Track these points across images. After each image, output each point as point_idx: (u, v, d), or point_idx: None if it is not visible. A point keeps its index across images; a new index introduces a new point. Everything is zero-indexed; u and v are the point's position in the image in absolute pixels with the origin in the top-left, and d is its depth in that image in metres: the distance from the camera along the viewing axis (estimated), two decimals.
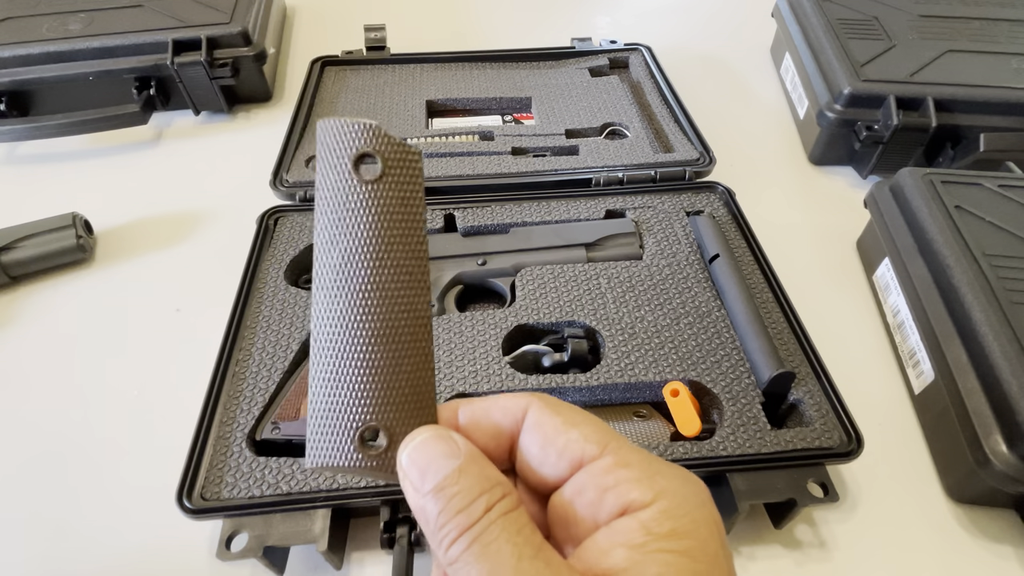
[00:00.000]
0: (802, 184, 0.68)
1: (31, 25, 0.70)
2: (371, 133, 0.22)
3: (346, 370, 0.22)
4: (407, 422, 0.23)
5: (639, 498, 0.21)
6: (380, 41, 0.76)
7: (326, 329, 0.23)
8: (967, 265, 0.45)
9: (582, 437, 0.22)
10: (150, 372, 0.51)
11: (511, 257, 0.54)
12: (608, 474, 0.21)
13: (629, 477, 0.21)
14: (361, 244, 0.22)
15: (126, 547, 0.42)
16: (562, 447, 0.23)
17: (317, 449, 0.22)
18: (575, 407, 0.24)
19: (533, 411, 0.23)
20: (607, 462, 0.22)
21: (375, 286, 0.22)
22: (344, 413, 0.22)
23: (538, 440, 0.23)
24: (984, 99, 0.61)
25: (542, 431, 0.23)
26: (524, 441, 0.24)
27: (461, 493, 0.21)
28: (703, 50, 0.86)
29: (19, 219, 0.57)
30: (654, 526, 0.20)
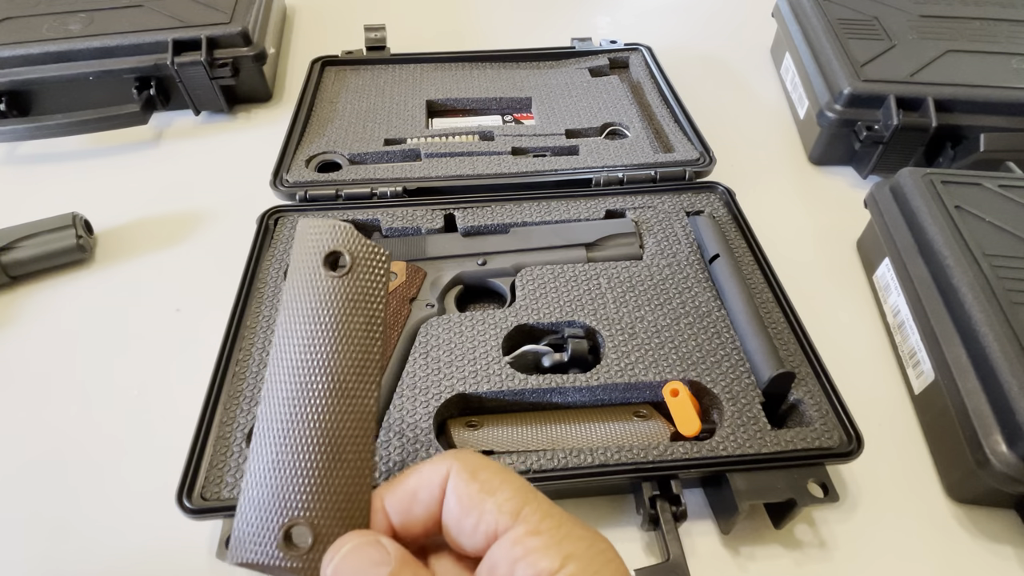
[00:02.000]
0: (802, 184, 0.68)
1: (31, 25, 0.70)
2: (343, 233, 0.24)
3: (284, 461, 0.22)
4: (337, 523, 0.22)
5: (548, 567, 0.21)
6: (380, 41, 0.76)
7: (272, 418, 0.23)
8: (967, 265, 0.45)
9: (496, 507, 0.22)
10: (150, 372, 0.51)
11: (511, 257, 0.54)
12: (517, 545, 0.21)
13: (537, 547, 0.21)
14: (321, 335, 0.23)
15: (126, 547, 0.42)
16: (477, 519, 0.22)
17: (240, 542, 0.22)
18: (497, 466, 0.24)
19: (452, 479, 0.23)
20: (518, 532, 0.22)
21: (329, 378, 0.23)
22: (274, 505, 0.22)
23: (456, 512, 0.23)
24: (984, 99, 0.61)
25: (460, 502, 0.23)
26: (445, 513, 0.23)
27: None
28: (703, 50, 0.86)
29: (19, 219, 0.57)
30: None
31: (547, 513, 0.22)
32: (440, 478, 0.23)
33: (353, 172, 0.61)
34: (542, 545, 0.21)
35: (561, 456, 0.40)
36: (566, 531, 0.22)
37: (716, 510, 0.43)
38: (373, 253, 0.24)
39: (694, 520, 0.43)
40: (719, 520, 0.42)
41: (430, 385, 0.44)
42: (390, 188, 0.58)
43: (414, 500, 0.24)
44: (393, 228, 0.56)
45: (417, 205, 0.57)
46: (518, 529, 0.22)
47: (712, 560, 0.41)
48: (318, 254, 0.23)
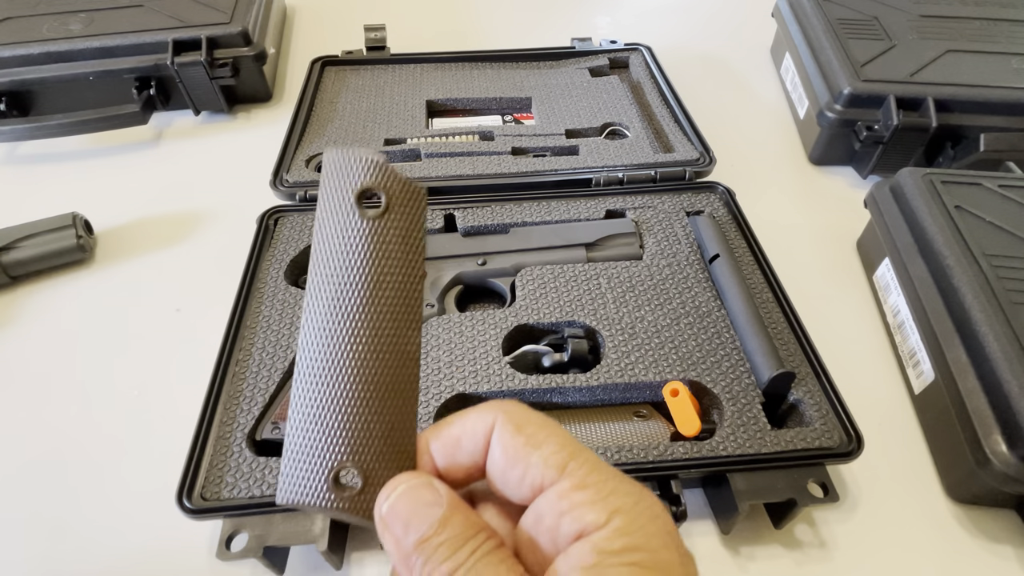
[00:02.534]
0: (802, 184, 0.68)
1: (31, 25, 0.70)
2: (377, 169, 0.22)
3: (328, 406, 0.22)
4: (385, 466, 0.22)
5: (594, 520, 0.21)
6: (380, 41, 0.76)
7: (312, 362, 0.22)
8: (967, 265, 0.45)
9: (542, 460, 0.22)
10: (150, 372, 0.51)
11: (511, 257, 0.54)
12: (564, 499, 0.21)
13: (584, 500, 0.21)
14: (356, 281, 0.22)
15: (126, 547, 0.42)
16: (523, 472, 0.22)
17: (289, 484, 0.22)
18: (542, 419, 0.23)
19: (497, 431, 0.23)
20: (564, 486, 0.22)
21: (366, 325, 0.22)
22: (321, 450, 0.22)
23: (501, 463, 0.23)
24: (984, 99, 0.61)
25: (505, 454, 0.23)
26: (489, 464, 0.23)
27: (447, 543, 0.21)
28: (703, 50, 0.86)
29: (19, 219, 0.57)
30: (606, 545, 0.20)
31: (593, 467, 0.22)
32: (485, 428, 0.23)
33: None
34: (588, 499, 0.21)
35: None
36: (612, 486, 0.22)
37: (716, 510, 0.43)
38: (411, 191, 0.22)
39: (694, 520, 0.43)
40: (719, 520, 0.42)
41: (430, 385, 0.44)
42: None
43: (458, 447, 0.24)
44: None
45: None
46: (564, 483, 0.22)
47: (712, 560, 0.41)
48: (349, 191, 0.22)
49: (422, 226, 0.23)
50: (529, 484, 0.22)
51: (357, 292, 0.22)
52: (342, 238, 0.22)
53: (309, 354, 0.22)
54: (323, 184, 0.22)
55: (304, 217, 0.56)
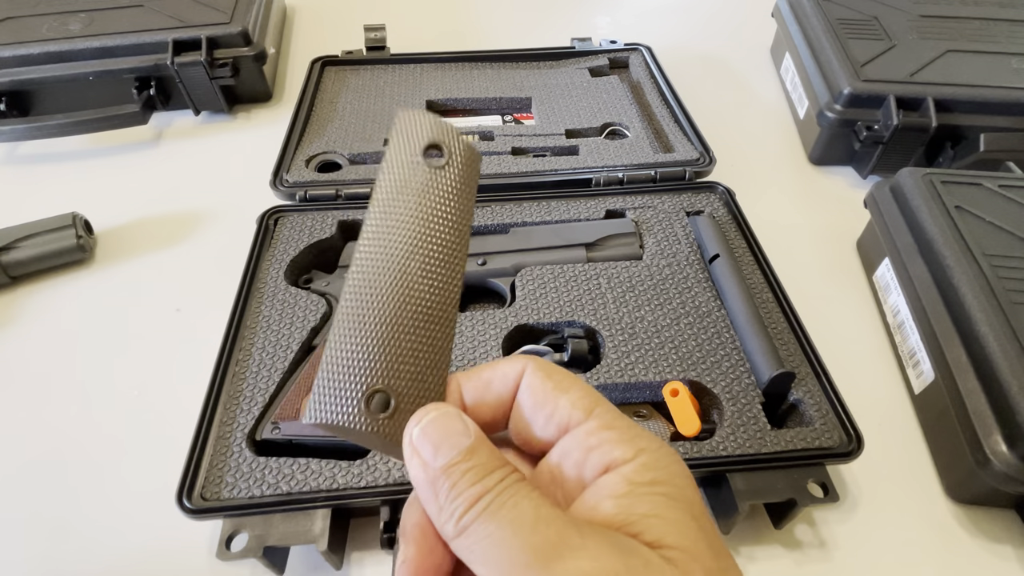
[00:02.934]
0: (802, 184, 0.68)
1: (31, 25, 0.70)
2: (442, 127, 0.25)
3: (369, 329, 0.23)
4: (418, 394, 0.24)
5: (621, 455, 0.22)
6: (380, 41, 0.76)
7: (361, 288, 0.24)
8: (967, 265, 0.45)
9: (570, 403, 0.24)
10: (150, 372, 0.51)
11: (511, 257, 0.54)
12: (592, 436, 0.23)
13: (612, 438, 0.23)
14: (416, 218, 0.25)
15: (126, 547, 0.42)
16: (551, 412, 0.24)
17: (321, 404, 0.22)
18: (567, 372, 0.25)
19: (527, 375, 0.25)
20: (592, 425, 0.23)
21: (420, 256, 0.24)
22: (356, 371, 0.23)
23: (530, 404, 0.24)
24: (984, 99, 0.61)
25: (534, 396, 0.24)
26: (518, 404, 0.25)
27: (474, 469, 0.21)
28: (703, 50, 0.86)
29: (19, 219, 0.57)
30: (636, 477, 0.22)
31: (617, 414, 0.24)
32: (516, 373, 0.25)
33: (353, 172, 0.61)
34: (616, 438, 0.23)
35: None
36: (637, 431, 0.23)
37: (716, 510, 0.43)
38: (469, 150, 0.26)
39: None
40: (719, 520, 0.42)
41: None
42: None
43: (488, 388, 0.25)
44: None
45: None
46: (591, 423, 0.23)
47: None
48: (418, 144, 0.25)
49: (475, 180, 0.26)
50: (556, 423, 0.24)
51: (415, 227, 0.24)
52: (407, 183, 0.25)
53: (360, 281, 0.24)
54: (393, 138, 0.25)
55: (304, 217, 0.56)
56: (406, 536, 0.23)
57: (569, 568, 0.20)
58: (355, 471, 0.40)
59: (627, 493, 0.22)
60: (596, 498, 0.22)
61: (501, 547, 0.20)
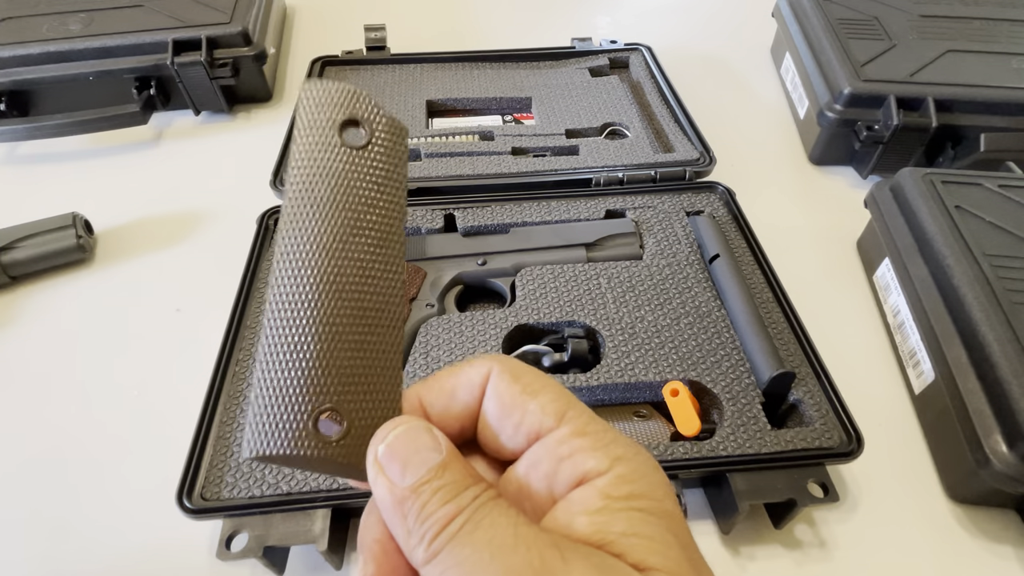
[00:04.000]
0: (802, 184, 0.68)
1: (31, 25, 0.70)
2: (361, 100, 0.21)
3: (306, 344, 0.20)
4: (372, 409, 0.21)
5: (595, 466, 0.20)
6: (380, 41, 0.76)
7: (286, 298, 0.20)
8: (967, 265, 0.45)
9: (539, 408, 0.22)
10: (150, 372, 0.51)
11: (511, 257, 0.54)
12: (563, 444, 0.21)
13: (584, 446, 0.21)
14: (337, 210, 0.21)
15: (126, 547, 0.42)
16: (519, 419, 0.22)
17: (260, 434, 0.19)
18: (536, 372, 0.23)
19: (493, 379, 0.23)
20: (563, 432, 0.21)
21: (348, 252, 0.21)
22: (298, 393, 0.20)
23: (497, 410, 0.22)
24: (984, 99, 0.61)
25: (501, 401, 0.22)
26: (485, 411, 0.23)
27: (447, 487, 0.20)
28: (703, 50, 0.86)
29: (19, 219, 0.57)
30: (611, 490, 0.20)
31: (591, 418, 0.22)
32: (480, 378, 0.23)
33: None
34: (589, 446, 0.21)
35: None
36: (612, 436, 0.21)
37: (716, 510, 0.43)
38: (393, 122, 0.22)
39: (694, 520, 0.43)
40: (719, 520, 0.42)
41: None
42: None
43: (452, 398, 0.23)
44: None
45: (417, 205, 0.57)
46: (563, 429, 0.21)
47: (712, 560, 0.41)
48: (332, 122, 0.21)
49: (404, 161, 0.22)
50: (525, 432, 0.22)
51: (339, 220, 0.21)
52: (324, 169, 0.21)
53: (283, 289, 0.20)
54: (301, 117, 0.21)
55: None
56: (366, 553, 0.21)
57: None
58: None
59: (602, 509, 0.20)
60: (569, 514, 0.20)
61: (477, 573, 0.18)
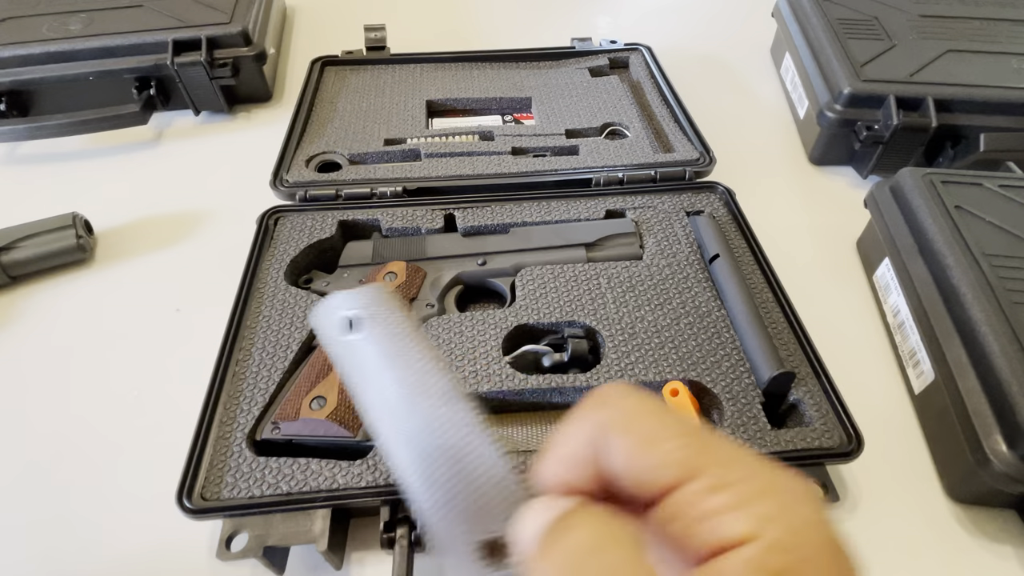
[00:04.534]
0: (802, 184, 0.68)
1: (31, 25, 0.70)
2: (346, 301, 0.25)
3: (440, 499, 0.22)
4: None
5: (741, 532, 0.17)
6: (380, 41, 0.76)
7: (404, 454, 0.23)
8: (967, 265, 0.45)
9: (660, 461, 0.19)
10: (150, 372, 0.51)
11: (511, 257, 0.54)
12: (698, 503, 0.18)
13: (724, 506, 0.18)
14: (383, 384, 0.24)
15: (126, 547, 0.42)
16: (640, 473, 0.19)
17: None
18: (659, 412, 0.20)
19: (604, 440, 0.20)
20: (697, 487, 0.18)
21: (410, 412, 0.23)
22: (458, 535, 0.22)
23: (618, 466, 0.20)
24: (984, 99, 0.61)
25: (620, 463, 0.20)
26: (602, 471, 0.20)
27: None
28: (703, 50, 0.86)
29: (19, 219, 0.57)
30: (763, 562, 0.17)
31: (729, 461, 0.18)
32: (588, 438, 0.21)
33: (353, 172, 0.61)
34: (729, 504, 0.18)
35: None
36: (758, 486, 0.18)
37: None
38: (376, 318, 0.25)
39: None
40: None
41: None
42: (390, 188, 0.58)
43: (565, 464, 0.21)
44: (393, 228, 0.56)
45: (417, 205, 0.57)
46: (695, 484, 0.18)
47: None
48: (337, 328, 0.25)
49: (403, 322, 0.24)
50: (651, 488, 0.19)
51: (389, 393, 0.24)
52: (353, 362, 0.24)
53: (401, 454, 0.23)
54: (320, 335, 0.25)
55: (304, 217, 0.56)
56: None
57: None
58: (355, 471, 0.40)
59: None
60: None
61: None
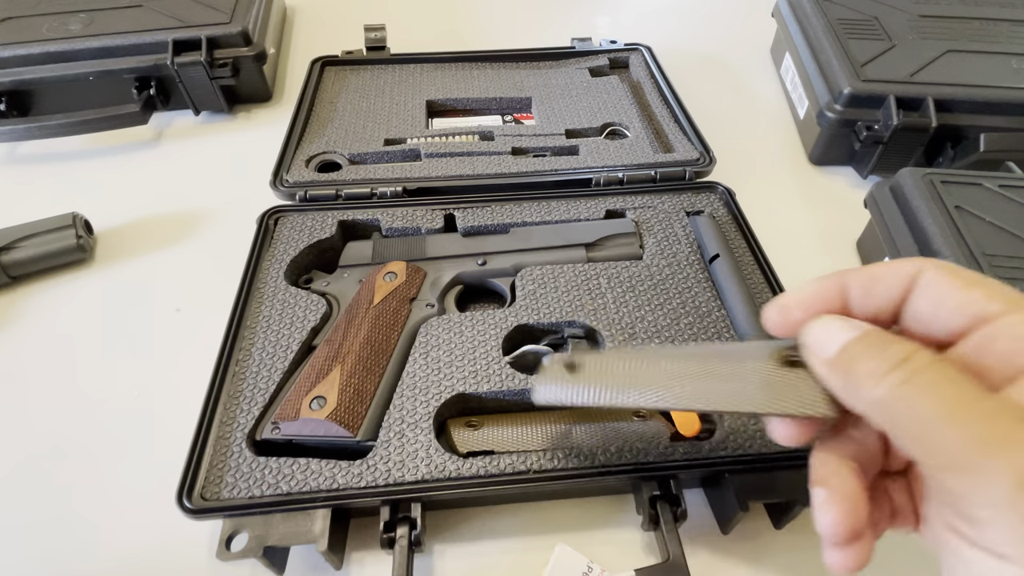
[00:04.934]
0: (802, 184, 0.68)
1: (31, 25, 0.70)
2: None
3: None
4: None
5: None
6: (380, 41, 0.76)
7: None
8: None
9: (984, 297, 0.24)
10: (150, 372, 0.51)
11: (511, 257, 0.54)
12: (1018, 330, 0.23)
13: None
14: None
15: (126, 547, 0.42)
16: (957, 306, 0.24)
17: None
18: (975, 273, 0.25)
19: (928, 274, 0.25)
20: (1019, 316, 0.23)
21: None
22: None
23: (930, 300, 0.25)
24: (984, 99, 0.61)
25: (934, 292, 0.25)
26: (914, 301, 0.26)
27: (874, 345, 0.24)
28: (703, 50, 0.86)
29: (19, 219, 0.57)
30: None
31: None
32: (912, 268, 0.26)
33: (353, 172, 0.61)
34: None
35: (561, 456, 0.40)
36: None
37: (716, 510, 0.43)
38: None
39: (694, 520, 0.43)
40: (719, 520, 0.42)
41: (430, 385, 0.44)
42: (390, 188, 0.58)
43: (877, 281, 0.26)
44: (393, 228, 0.56)
45: (417, 205, 0.57)
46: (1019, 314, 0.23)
47: (712, 560, 0.41)
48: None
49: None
50: (967, 315, 0.24)
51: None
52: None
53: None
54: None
55: (304, 217, 0.56)
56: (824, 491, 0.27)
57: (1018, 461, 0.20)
58: (355, 471, 0.40)
59: None
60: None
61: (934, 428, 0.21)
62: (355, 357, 0.44)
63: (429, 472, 0.40)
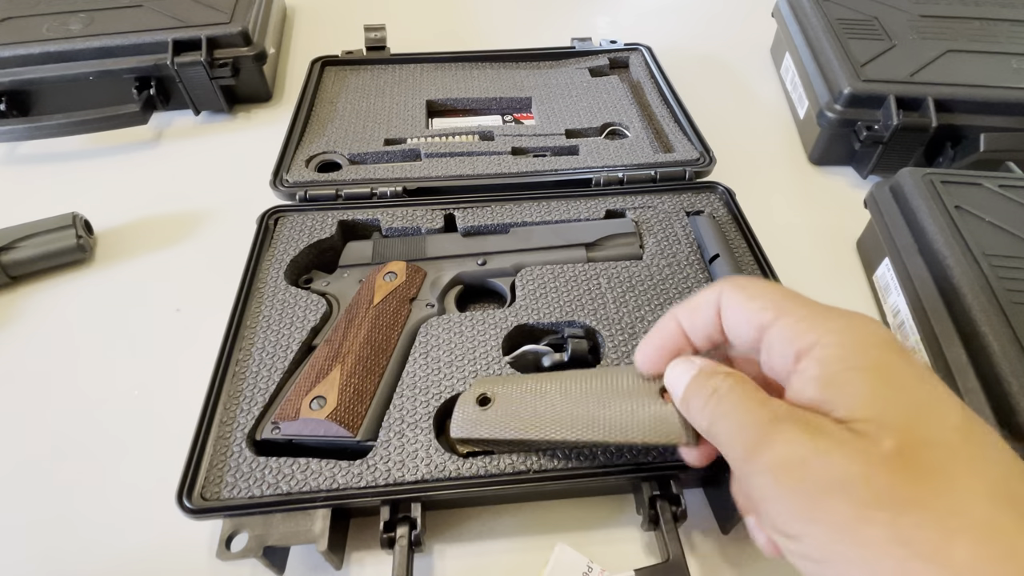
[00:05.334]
0: (802, 184, 0.68)
1: (31, 25, 0.70)
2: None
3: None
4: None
5: (810, 340, 0.26)
6: (380, 41, 0.76)
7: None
8: (967, 265, 0.45)
9: (760, 308, 0.28)
10: (150, 372, 0.51)
11: (511, 257, 0.54)
12: (786, 328, 0.27)
13: (801, 328, 0.26)
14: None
15: (126, 547, 0.42)
16: (746, 319, 0.28)
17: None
18: (760, 281, 0.30)
19: (725, 294, 0.29)
20: (785, 320, 0.27)
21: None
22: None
23: (731, 319, 0.29)
24: (984, 99, 0.61)
25: (732, 311, 0.29)
26: (725, 322, 0.30)
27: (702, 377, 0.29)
28: (703, 50, 0.86)
29: (19, 219, 0.57)
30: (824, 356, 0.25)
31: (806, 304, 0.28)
32: (716, 292, 0.30)
33: (353, 172, 0.61)
34: (804, 327, 0.26)
35: (561, 457, 0.40)
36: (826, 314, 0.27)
37: (716, 510, 0.43)
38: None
39: (694, 520, 0.43)
40: (719, 520, 0.42)
41: (430, 385, 0.44)
42: (390, 188, 0.58)
43: (695, 311, 0.31)
44: (393, 228, 0.56)
45: (417, 205, 0.57)
46: (784, 319, 0.27)
47: (712, 560, 0.41)
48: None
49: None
50: (755, 326, 0.28)
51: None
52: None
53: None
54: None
55: (304, 217, 0.56)
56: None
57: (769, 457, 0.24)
58: (355, 471, 0.40)
59: (819, 375, 0.25)
60: (800, 384, 0.26)
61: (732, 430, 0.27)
62: (355, 357, 0.44)
63: (429, 472, 0.40)
